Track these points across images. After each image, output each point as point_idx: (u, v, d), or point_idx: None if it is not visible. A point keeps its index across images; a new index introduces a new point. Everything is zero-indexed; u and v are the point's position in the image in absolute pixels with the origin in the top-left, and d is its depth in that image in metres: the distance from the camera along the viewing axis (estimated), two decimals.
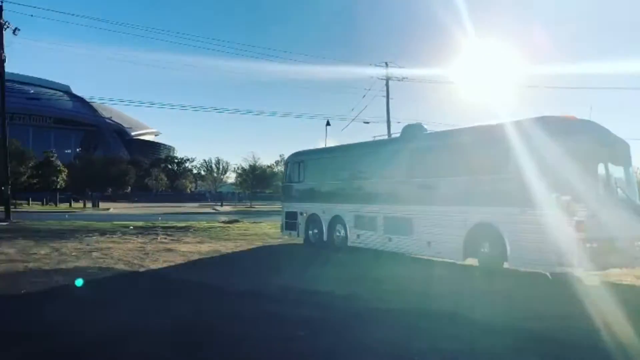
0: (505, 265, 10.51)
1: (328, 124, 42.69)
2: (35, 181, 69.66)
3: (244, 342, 6.29)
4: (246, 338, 6.45)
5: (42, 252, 15.00)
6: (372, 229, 14.20)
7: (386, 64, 38.09)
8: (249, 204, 70.00)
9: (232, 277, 11.43)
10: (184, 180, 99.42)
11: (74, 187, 77.44)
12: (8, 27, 28.90)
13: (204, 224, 28.02)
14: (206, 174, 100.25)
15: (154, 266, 12.56)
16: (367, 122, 35.33)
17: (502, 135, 10.74)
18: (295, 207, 18.27)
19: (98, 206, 60.91)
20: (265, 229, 25.01)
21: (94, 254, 14.74)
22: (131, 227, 24.89)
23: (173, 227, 25.95)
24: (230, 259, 14.62)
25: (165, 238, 20.07)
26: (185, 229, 24.58)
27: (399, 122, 35.58)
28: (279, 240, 19.67)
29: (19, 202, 59.27)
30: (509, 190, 10.42)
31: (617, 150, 10.79)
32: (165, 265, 12.83)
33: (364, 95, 39.38)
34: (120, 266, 12.49)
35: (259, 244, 18.58)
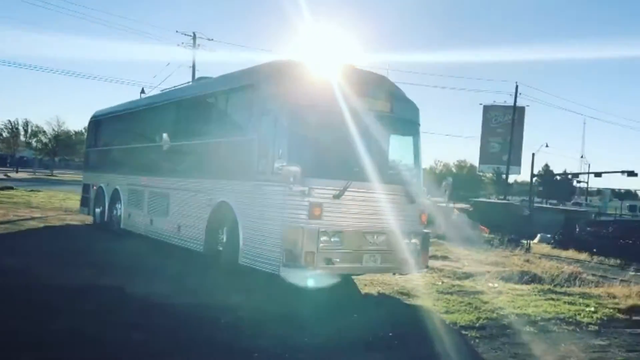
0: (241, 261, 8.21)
1: (143, 91, 40.26)
2: None
3: None
4: None
5: None
6: (140, 207, 12.11)
7: (194, 34, 36.16)
8: (49, 171, 63.11)
9: None
10: None
11: None
12: None
13: None
14: (9, 137, 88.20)
15: None
16: None
17: (239, 85, 9.11)
18: (89, 178, 15.65)
19: None
20: (34, 198, 22.51)
21: None
22: None
23: None
24: None
25: None
26: None
27: None
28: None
29: None
30: (244, 157, 8.44)
31: (403, 115, 8.69)
32: None
33: (168, 64, 39.60)
34: None
35: None
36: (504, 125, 64.46)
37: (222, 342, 5.55)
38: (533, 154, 43.21)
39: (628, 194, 70.55)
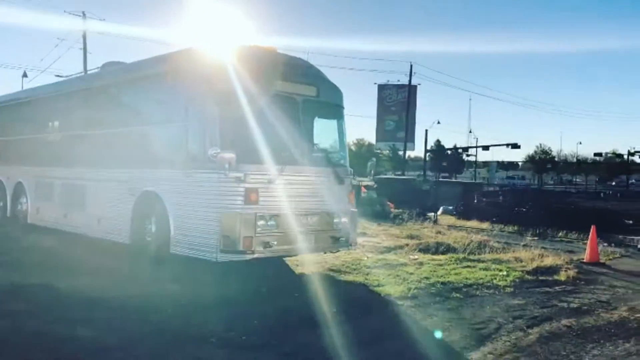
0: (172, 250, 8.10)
1: (25, 75, 37.70)
2: None
3: None
4: None
5: None
6: (50, 200, 11.48)
7: (83, 13, 34.19)
8: None
9: None
10: None
11: None
12: None
13: None
14: None
15: None
16: (60, 76, 30.92)
17: (164, 71, 8.88)
18: None
19: None
20: None
21: None
22: None
23: None
24: None
25: None
26: None
27: None
28: None
29: None
30: (171, 145, 8.39)
31: (329, 99, 8.92)
32: None
33: (57, 45, 37.41)
34: None
35: None
36: (398, 104, 66.97)
37: (174, 331, 5.55)
38: (426, 131, 45.66)
39: (511, 165, 76.45)
